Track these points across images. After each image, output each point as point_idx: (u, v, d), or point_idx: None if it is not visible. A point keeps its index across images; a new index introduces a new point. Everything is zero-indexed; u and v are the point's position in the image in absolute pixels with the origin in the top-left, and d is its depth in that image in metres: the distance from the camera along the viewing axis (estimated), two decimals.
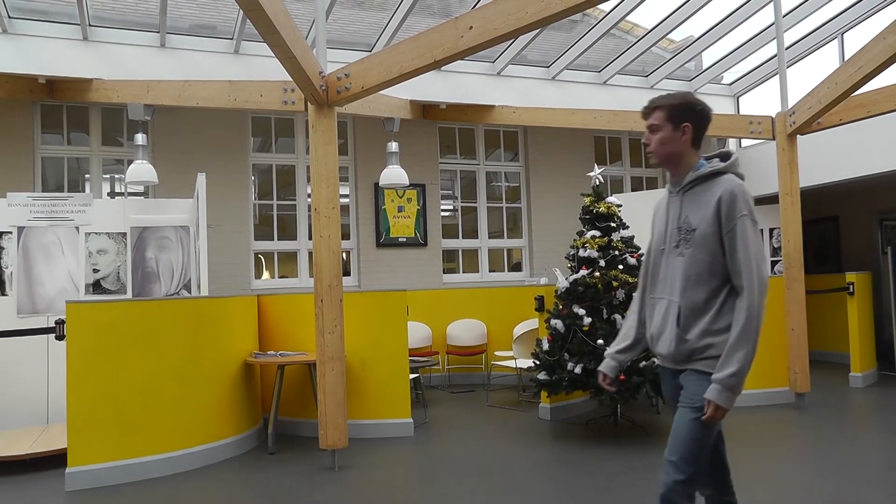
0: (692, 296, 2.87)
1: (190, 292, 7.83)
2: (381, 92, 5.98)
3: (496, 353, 9.49)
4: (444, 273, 11.17)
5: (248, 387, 6.82)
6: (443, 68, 6.70)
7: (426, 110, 10.09)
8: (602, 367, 3.28)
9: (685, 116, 2.96)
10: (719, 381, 2.70)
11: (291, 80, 5.48)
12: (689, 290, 2.88)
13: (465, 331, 10.05)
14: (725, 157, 3.00)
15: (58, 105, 9.35)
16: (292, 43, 4.83)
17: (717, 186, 2.86)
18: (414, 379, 7.81)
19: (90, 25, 8.43)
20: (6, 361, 7.13)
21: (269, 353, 6.95)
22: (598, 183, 7.04)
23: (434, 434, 7.04)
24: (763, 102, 11.89)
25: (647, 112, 3.04)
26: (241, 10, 6.82)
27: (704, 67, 11.73)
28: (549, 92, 10.74)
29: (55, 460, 5.87)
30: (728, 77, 12.13)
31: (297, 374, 7.12)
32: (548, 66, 10.80)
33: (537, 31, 8.69)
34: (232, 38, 9.03)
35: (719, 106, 11.85)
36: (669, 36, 10.39)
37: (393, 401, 6.92)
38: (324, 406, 5.77)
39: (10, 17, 8.13)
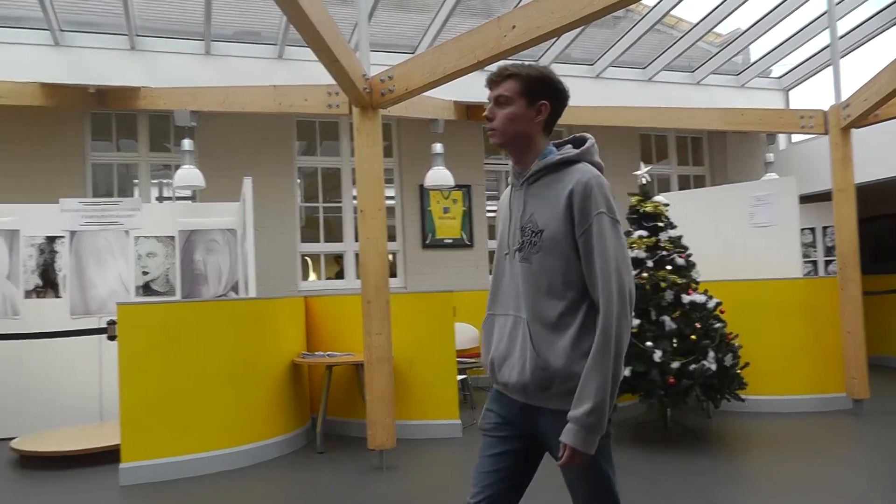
0: (543, 312, 2.30)
1: (238, 294, 7.91)
2: (424, 93, 5.96)
3: None
4: (490, 274, 11.09)
5: (297, 387, 6.86)
6: (486, 68, 6.61)
7: (470, 111, 10.05)
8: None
9: (543, 92, 2.40)
10: (575, 421, 2.18)
11: (336, 83, 5.49)
12: (539, 305, 2.31)
13: None
14: (580, 143, 2.49)
15: (107, 114, 9.53)
16: (336, 47, 4.84)
17: (568, 178, 2.33)
18: (462, 380, 7.77)
19: (137, 35, 8.58)
20: (61, 361, 7.35)
21: (316, 353, 6.99)
22: (644, 182, 6.94)
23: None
24: (814, 96, 11.64)
25: (497, 80, 2.43)
26: (284, 17, 6.86)
27: (752, 61, 11.47)
28: (593, 90, 10.63)
29: (109, 456, 5.96)
30: (777, 70, 11.85)
31: (344, 374, 7.14)
32: (592, 64, 10.69)
33: (581, 28, 8.61)
34: (276, 44, 9.10)
35: (768, 100, 11.62)
36: (716, 29, 10.20)
37: (441, 402, 6.90)
38: (372, 406, 5.78)
39: (61, 30, 8.34)
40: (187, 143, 8.08)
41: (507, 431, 2.47)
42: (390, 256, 10.51)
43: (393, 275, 10.40)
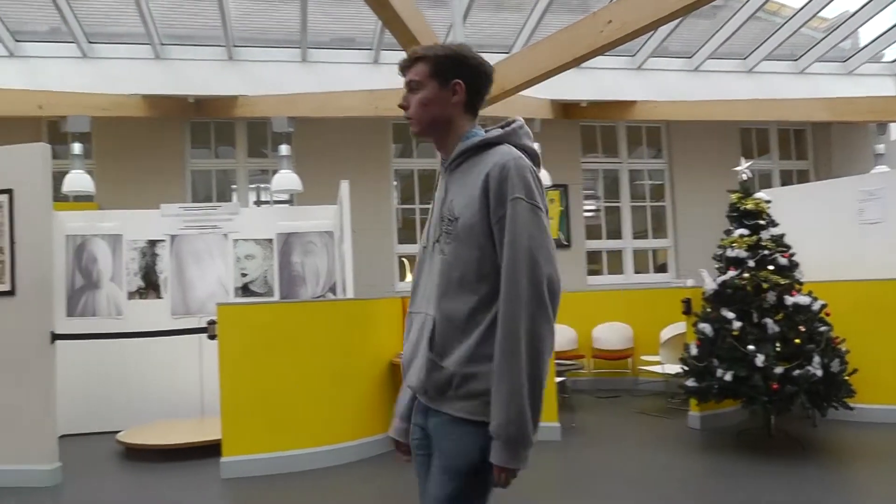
0: (451, 307, 2.09)
1: (336, 295, 8.00)
2: (520, 93, 5.90)
3: (642, 357, 9.19)
4: (588, 275, 10.97)
5: (394, 387, 6.87)
6: (582, 65, 6.53)
7: (566, 109, 9.95)
8: (391, 432, 2.41)
9: (456, 71, 2.20)
10: (497, 436, 1.95)
11: None
12: (448, 300, 2.10)
13: (610, 334, 9.80)
14: (509, 125, 2.25)
15: (206, 122, 9.86)
16: None
17: (486, 161, 2.11)
18: (560, 382, 7.67)
19: (234, 46, 8.81)
20: (163, 358, 7.66)
21: None
22: (745, 178, 6.69)
23: (581, 439, 6.88)
24: None
25: (406, 66, 2.25)
26: (380, 22, 6.92)
27: (861, 46, 10.92)
28: (691, 83, 10.35)
29: (210, 450, 6.10)
30: (890, 54, 11.25)
31: None
32: (690, 57, 10.40)
33: (678, 20, 8.40)
34: (371, 49, 9.19)
35: (879, 87, 11.06)
36: (821, 14, 9.73)
37: None
38: None
39: (162, 44, 8.70)
40: (284, 149, 8.25)
41: None
42: None
43: None
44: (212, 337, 6.13)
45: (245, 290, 8.06)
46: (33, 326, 5.90)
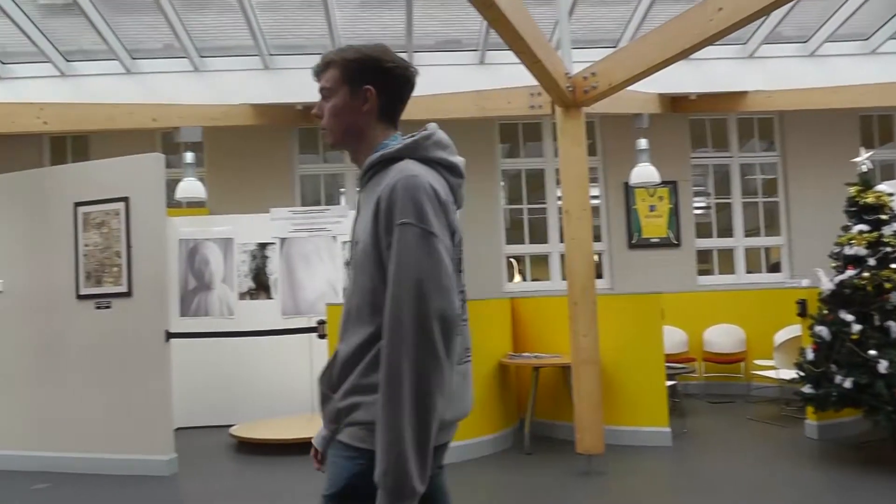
0: (350, 339, 1.92)
1: None
2: (628, 88, 5.77)
3: (755, 361, 8.86)
4: (698, 275, 10.67)
5: (504, 387, 6.91)
6: (691, 56, 6.31)
7: (675, 103, 9.69)
8: (314, 438, 2.24)
9: (366, 76, 2.02)
10: (377, 485, 1.72)
11: (538, 84, 5.43)
12: (346, 332, 1.94)
13: (722, 336, 9.50)
14: (413, 136, 2.04)
15: (313, 128, 10.06)
16: (537, 48, 4.77)
17: (384, 180, 1.89)
18: (671, 386, 7.48)
19: None
20: (274, 357, 7.97)
21: (523, 354, 7.00)
22: (865, 169, 6.33)
23: (692, 446, 6.68)
24: None
25: (318, 71, 2.11)
26: (485, 22, 6.88)
27: None
28: (807, 70, 9.86)
29: None
30: None
31: (551, 376, 7.04)
32: (805, 41, 9.91)
33: (793, 2, 8.05)
34: (477, 50, 9.17)
35: None
36: None
37: (650, 408, 6.65)
38: (580, 410, 5.69)
39: (269, 54, 8.99)
40: None
41: None
42: (596, 257, 10.32)
43: (599, 276, 10.19)
44: (322, 336, 6.28)
45: None
46: (149, 326, 6.27)
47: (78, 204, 6.54)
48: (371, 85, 2.02)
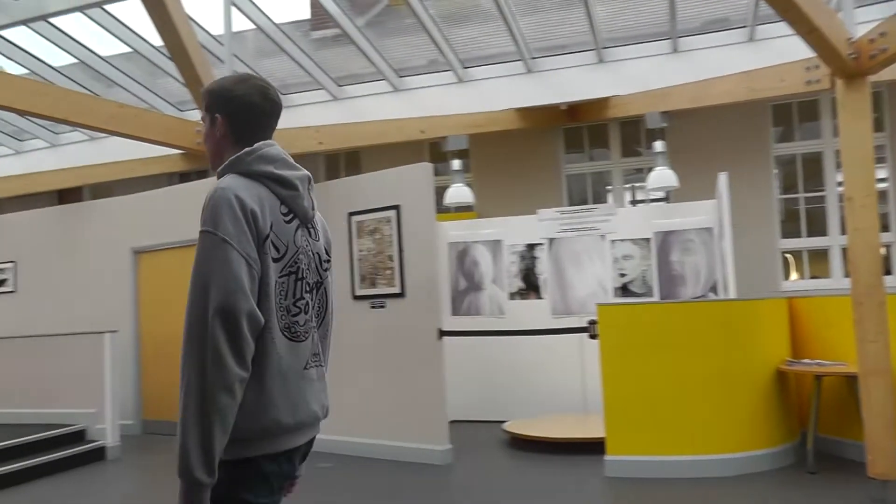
0: None
1: (717, 295, 7.70)
2: None
3: None
4: None
5: (783, 397, 6.29)
6: None
7: None
8: None
9: (216, 106, 2.17)
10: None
11: (814, 55, 5.01)
12: None
13: None
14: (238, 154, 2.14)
15: (578, 127, 10.04)
16: (814, 13, 4.39)
17: None
18: None
19: (603, 48, 8.87)
20: (545, 356, 8.06)
21: (804, 361, 6.33)
22: None
23: None
24: None
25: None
26: None
27: None
28: None
29: (592, 447, 6.19)
30: None
31: (836, 386, 6.28)
32: None
33: None
34: (746, 26, 8.64)
35: None
36: None
37: None
38: (869, 427, 5.06)
39: (532, 58, 9.15)
40: (659, 145, 8.15)
41: None
42: (883, 250, 9.38)
43: (887, 272, 9.23)
44: (593, 336, 6.26)
45: (624, 290, 8.13)
46: (422, 324, 6.71)
47: (352, 213, 7.20)
48: (218, 114, 2.18)
